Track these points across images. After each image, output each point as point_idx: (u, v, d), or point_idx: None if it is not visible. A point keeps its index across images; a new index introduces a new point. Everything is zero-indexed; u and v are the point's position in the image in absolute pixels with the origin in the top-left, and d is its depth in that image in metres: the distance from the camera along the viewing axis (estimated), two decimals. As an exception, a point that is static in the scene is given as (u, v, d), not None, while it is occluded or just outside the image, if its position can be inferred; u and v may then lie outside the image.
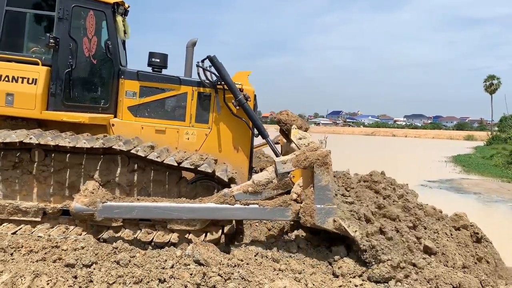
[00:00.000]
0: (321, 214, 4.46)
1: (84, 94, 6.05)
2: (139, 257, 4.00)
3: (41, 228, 4.83)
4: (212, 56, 5.85)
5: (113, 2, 6.03)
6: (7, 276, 3.44)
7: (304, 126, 5.98)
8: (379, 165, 9.29)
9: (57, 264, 3.79)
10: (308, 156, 4.58)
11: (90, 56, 5.99)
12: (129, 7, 6.63)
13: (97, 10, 6.01)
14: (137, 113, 6.09)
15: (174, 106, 6.20)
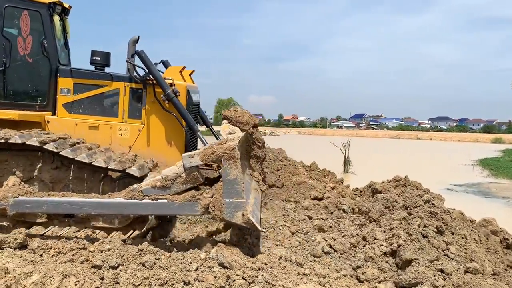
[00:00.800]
0: (230, 208, 4.38)
1: (20, 92, 6.21)
2: (164, 259, 4.03)
3: (68, 230, 4.93)
4: (140, 51, 5.89)
5: (48, 2, 6.16)
6: (37, 277, 3.53)
7: (251, 122, 6.17)
8: (404, 169, 9.15)
9: (85, 266, 3.86)
10: (216, 150, 4.48)
11: (26, 55, 6.14)
12: (70, 7, 6.82)
13: (31, 10, 6.14)
14: (71, 110, 6.21)
15: (107, 102, 6.28)
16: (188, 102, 6.30)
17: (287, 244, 4.80)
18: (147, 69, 5.95)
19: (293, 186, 7.46)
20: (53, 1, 6.22)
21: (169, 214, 4.96)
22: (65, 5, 6.60)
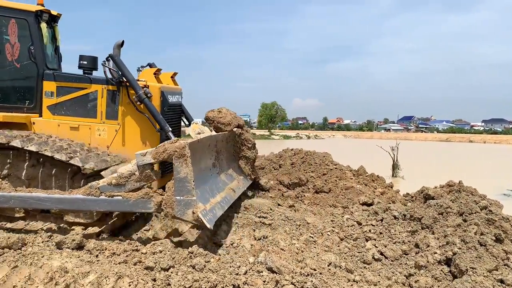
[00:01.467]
0: (180, 206, 4.46)
1: (8, 96, 6.64)
2: (214, 262, 4.09)
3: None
4: (113, 55, 6.25)
5: (35, 11, 6.52)
6: (94, 277, 3.67)
7: (234, 123, 6.46)
8: (456, 173, 8.80)
9: (138, 267, 3.98)
10: (167, 148, 4.56)
11: (13, 61, 6.58)
12: (59, 15, 7.20)
13: (19, 18, 6.55)
14: (54, 112, 6.58)
15: (86, 104, 6.54)
16: (163, 103, 6.51)
17: (336, 250, 4.74)
18: (120, 71, 6.24)
19: (341, 191, 7.37)
20: (40, 9, 6.59)
21: (124, 211, 5.05)
22: (53, 13, 6.96)
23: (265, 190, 7.48)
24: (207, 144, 5.62)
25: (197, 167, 4.99)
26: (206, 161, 5.59)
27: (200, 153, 5.27)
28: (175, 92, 7.15)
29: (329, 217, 6.12)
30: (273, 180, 7.75)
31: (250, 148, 7.13)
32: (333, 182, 7.63)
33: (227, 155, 6.71)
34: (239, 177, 6.79)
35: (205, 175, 5.42)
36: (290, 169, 8.03)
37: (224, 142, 6.57)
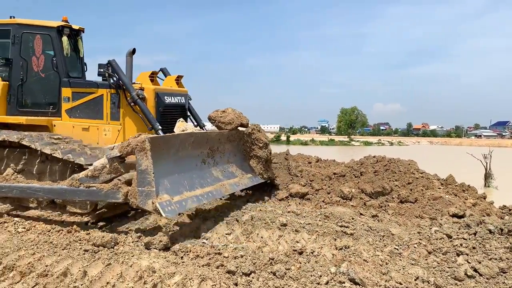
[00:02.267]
0: (142, 196, 4.79)
1: (35, 102, 7.63)
2: (294, 270, 4.07)
3: (205, 235, 5.25)
4: (111, 61, 6.98)
5: (57, 26, 7.42)
6: (179, 278, 3.82)
7: (236, 122, 6.93)
8: None
9: (220, 270, 4.08)
10: (130, 143, 4.94)
11: (39, 71, 7.56)
12: (82, 29, 8.06)
13: (43, 34, 7.52)
14: (70, 115, 7.38)
15: (94, 107, 7.25)
16: (158, 103, 7.19)
17: (424, 263, 4.49)
18: (117, 76, 6.95)
19: (428, 201, 7.00)
20: (61, 25, 7.47)
21: (98, 200, 5.47)
22: (74, 27, 7.81)
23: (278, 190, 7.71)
24: (186, 140, 5.88)
25: (166, 160, 5.33)
26: (183, 156, 5.82)
27: (171, 147, 5.52)
28: (176, 93, 7.72)
29: (415, 229, 5.83)
30: (354, 188, 7.56)
31: (261, 147, 7.40)
32: (420, 192, 7.26)
33: (229, 153, 7.13)
34: (245, 175, 7.16)
35: (182, 168, 5.69)
36: (372, 177, 7.77)
37: (224, 140, 6.97)
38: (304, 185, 7.81)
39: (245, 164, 7.43)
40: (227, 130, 6.94)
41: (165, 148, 5.40)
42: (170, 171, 5.41)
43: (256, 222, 5.68)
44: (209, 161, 6.52)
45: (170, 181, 5.28)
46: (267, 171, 7.57)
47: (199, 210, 6.40)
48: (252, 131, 7.39)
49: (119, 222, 5.78)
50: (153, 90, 7.19)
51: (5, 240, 4.76)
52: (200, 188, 5.78)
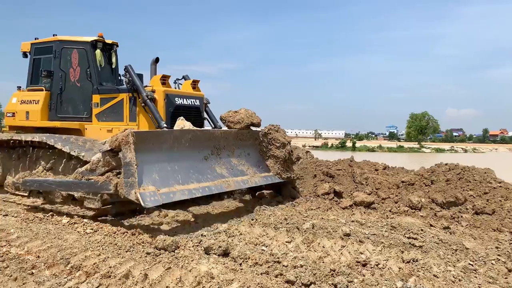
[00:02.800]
0: (127, 187, 5.17)
1: (72, 108, 8.60)
2: (357, 283, 3.87)
3: (264, 242, 5.18)
4: (127, 66, 7.74)
5: (91, 41, 8.41)
6: (237, 285, 3.77)
7: (245, 121, 7.36)
8: None
9: (279, 280, 3.97)
10: (118, 137, 5.33)
11: (75, 81, 8.52)
12: (115, 43, 8.98)
13: (79, 48, 8.54)
14: (99, 119, 8.24)
15: (117, 110, 8.01)
16: (168, 104, 7.79)
17: (503, 282, 4.09)
18: (132, 79, 7.66)
19: (507, 213, 6.44)
20: (95, 40, 8.47)
21: (95, 192, 5.94)
22: (107, 41, 8.80)
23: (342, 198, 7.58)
24: (182, 136, 6.27)
25: (156, 154, 5.72)
26: (179, 151, 6.16)
27: (163, 142, 5.92)
28: (189, 96, 8.35)
29: (493, 243, 5.36)
30: (424, 197, 7.14)
31: (278, 147, 7.60)
32: (498, 203, 6.70)
33: (240, 151, 7.46)
34: (258, 174, 7.38)
35: (176, 163, 6.00)
36: (444, 186, 7.30)
37: (233, 139, 7.33)
38: (370, 193, 7.51)
39: (261, 163, 7.70)
40: (236, 129, 7.38)
41: (155, 143, 5.79)
42: (161, 165, 5.76)
43: (318, 230, 5.52)
44: (213, 158, 6.85)
45: (160, 174, 5.63)
46: (286, 171, 7.70)
47: (259, 216, 6.34)
48: (269, 131, 7.64)
49: (181, 229, 5.87)
50: (163, 91, 7.81)
51: (74, 240, 4.99)
52: (196, 182, 6.08)
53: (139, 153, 5.31)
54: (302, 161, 9.56)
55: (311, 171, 8.60)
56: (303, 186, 8.20)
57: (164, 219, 6.35)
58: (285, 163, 7.70)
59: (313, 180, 8.31)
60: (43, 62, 8.99)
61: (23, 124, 8.93)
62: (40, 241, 4.89)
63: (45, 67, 8.82)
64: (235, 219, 6.25)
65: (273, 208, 6.95)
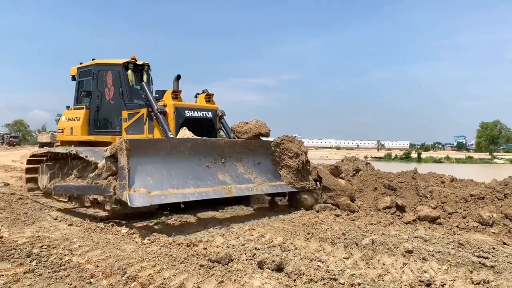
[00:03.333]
0: (120, 189, 5.85)
1: (106, 123, 9.55)
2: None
3: (320, 257, 5.00)
4: (141, 84, 8.94)
5: (123, 63, 9.25)
6: (290, 302, 3.64)
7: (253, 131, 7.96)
8: None
9: (334, 298, 3.79)
10: (115, 145, 6.10)
11: (110, 99, 9.43)
12: (146, 63, 9.83)
13: (113, 70, 9.45)
14: (127, 132, 8.96)
15: (139, 124, 8.78)
16: (177, 117, 8.37)
17: None
18: (145, 95, 8.57)
19: None
20: (127, 61, 9.28)
21: (100, 194, 6.77)
22: (138, 63, 9.56)
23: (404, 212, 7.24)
24: (181, 144, 6.88)
25: (152, 160, 6.32)
26: (177, 158, 6.73)
27: (159, 150, 6.52)
28: (200, 109, 8.88)
29: None
30: (496, 212, 6.61)
31: (291, 157, 7.91)
32: None
33: (248, 160, 7.88)
34: (267, 183, 7.72)
35: (174, 169, 6.55)
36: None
37: (239, 149, 7.81)
38: (435, 207, 7.08)
39: (272, 172, 8.05)
40: (243, 139, 7.92)
41: (151, 150, 6.43)
42: (157, 170, 6.34)
43: (378, 246, 5.26)
44: (216, 166, 7.30)
45: (155, 178, 6.22)
46: (300, 181, 7.95)
47: (315, 230, 6.16)
48: (282, 142, 8.00)
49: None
50: (173, 105, 8.42)
51: (131, 250, 5.09)
52: (193, 187, 6.56)
53: (133, 158, 6.03)
54: (361, 173, 9.25)
55: (371, 183, 8.28)
56: (363, 200, 7.91)
57: (219, 231, 6.34)
58: (299, 173, 7.97)
59: (373, 193, 8.00)
60: (85, 84, 10.07)
61: (69, 139, 10.01)
62: (100, 251, 5.04)
63: (86, 88, 9.96)
64: (290, 234, 6.10)
65: (330, 221, 6.74)
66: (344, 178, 8.72)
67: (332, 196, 7.87)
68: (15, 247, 5.08)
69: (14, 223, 6.46)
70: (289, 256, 4.91)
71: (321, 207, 7.76)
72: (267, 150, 8.13)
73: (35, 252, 4.89)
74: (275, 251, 5.04)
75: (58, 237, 5.68)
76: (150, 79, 10.01)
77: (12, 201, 8.51)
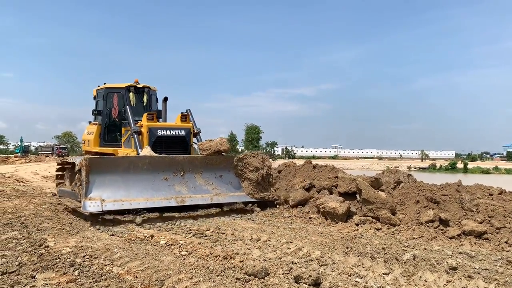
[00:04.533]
0: (80, 197, 7.68)
1: (112, 138, 11.61)
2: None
3: (359, 273, 4.88)
4: (125, 108, 10.78)
5: (125, 86, 11.51)
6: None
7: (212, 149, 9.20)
8: None
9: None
10: (80, 161, 7.76)
11: (115, 118, 11.55)
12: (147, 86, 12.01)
13: (118, 92, 11.62)
14: (124, 146, 10.91)
15: (129, 139, 10.58)
16: (150, 136, 10.01)
17: None
18: (126, 118, 10.57)
19: None
20: (128, 85, 11.55)
21: (76, 200, 8.46)
22: (139, 85, 11.73)
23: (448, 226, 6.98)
24: (139, 161, 8.37)
25: (111, 175, 7.87)
26: (136, 173, 8.17)
27: (118, 166, 8.13)
28: (172, 128, 10.35)
29: None
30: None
31: (251, 171, 9.04)
32: None
33: (209, 173, 9.03)
34: (226, 193, 8.85)
35: (131, 182, 8.01)
36: None
37: (199, 163, 9.01)
38: (481, 221, 6.77)
39: (233, 184, 9.18)
40: (203, 155, 9.21)
41: (111, 166, 8.03)
42: (115, 183, 7.82)
43: (420, 262, 5.08)
44: (174, 179, 8.55)
45: (112, 190, 7.71)
46: (260, 192, 9.07)
47: (354, 244, 6.03)
48: (244, 157, 9.17)
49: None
50: (147, 126, 10.12)
51: (170, 262, 5.16)
52: (146, 197, 7.94)
53: (93, 173, 7.62)
54: (403, 185, 8.99)
55: (413, 196, 8.03)
56: (404, 213, 7.68)
57: (256, 243, 6.33)
58: (259, 184, 9.07)
59: (415, 206, 7.74)
60: (99, 103, 12.25)
61: (87, 149, 12.21)
62: (139, 261, 5.14)
63: (99, 107, 12.16)
64: (328, 247, 5.99)
65: (370, 235, 6.58)
66: (385, 190, 8.50)
67: (372, 209, 7.69)
68: (60, 256, 5.26)
69: (60, 233, 6.70)
70: (327, 271, 4.83)
71: (360, 220, 7.60)
72: (230, 165, 9.23)
73: (78, 262, 5.04)
74: (312, 266, 4.97)
75: (100, 247, 5.84)
76: (149, 100, 11.97)
77: (58, 211, 8.85)
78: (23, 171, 23.86)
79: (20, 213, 8.27)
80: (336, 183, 8.91)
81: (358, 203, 8.00)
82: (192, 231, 6.88)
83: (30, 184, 15.78)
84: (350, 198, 8.39)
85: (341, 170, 9.92)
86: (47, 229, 6.91)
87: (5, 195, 11.42)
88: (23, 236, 6.28)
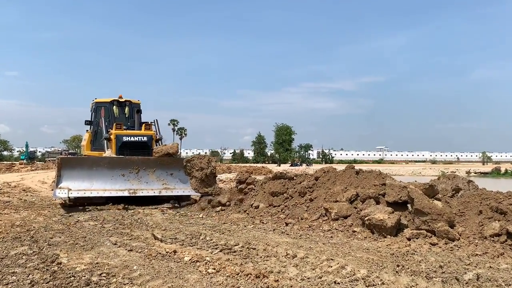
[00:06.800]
0: (54, 187, 11.90)
1: (99, 144, 15.07)
2: None
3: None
4: (102, 117, 15.26)
5: (110, 101, 15.96)
6: None
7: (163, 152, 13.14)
8: None
9: None
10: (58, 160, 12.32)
11: (102, 127, 14.77)
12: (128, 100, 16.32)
13: (104, 106, 15.92)
14: (105, 149, 13.87)
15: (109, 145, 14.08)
16: (117, 142, 13.78)
17: None
18: (100, 127, 15.13)
19: None
20: (112, 100, 15.92)
21: None
22: (121, 100, 16.01)
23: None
24: (100, 161, 12.51)
25: (78, 171, 11.90)
26: (98, 170, 12.16)
27: (83, 164, 12.31)
28: (136, 135, 14.16)
29: None
30: None
31: (197, 170, 12.92)
32: None
33: (160, 172, 12.90)
34: (175, 188, 12.78)
35: (94, 177, 12.02)
36: None
37: (152, 164, 12.86)
38: (558, 235, 6.61)
39: (183, 181, 13.03)
40: (155, 157, 12.98)
41: (78, 164, 12.15)
42: (81, 177, 11.81)
43: (484, 283, 5.00)
44: (129, 175, 12.43)
45: (78, 182, 11.62)
46: (204, 187, 12.92)
47: (406, 262, 5.97)
48: (192, 159, 13.14)
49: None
50: (114, 133, 13.93)
51: (195, 280, 5.24)
52: (105, 188, 11.88)
53: (64, 169, 11.65)
54: (462, 193, 8.86)
55: (475, 206, 7.90)
56: (465, 225, 7.56)
57: (292, 260, 6.35)
58: (203, 181, 12.91)
59: (477, 217, 7.62)
60: (93, 115, 16.26)
61: (83, 153, 16.27)
62: (161, 280, 5.25)
63: (92, 118, 16.29)
64: (376, 265, 5.96)
65: (424, 252, 6.51)
66: (441, 199, 8.39)
67: (427, 221, 7.59)
68: (74, 274, 5.43)
69: (73, 248, 6.92)
70: (376, 293, 4.81)
71: (413, 234, 7.51)
72: (180, 165, 13.05)
73: (94, 280, 5.19)
74: (358, 286, 4.96)
75: (117, 264, 5.99)
76: (131, 112, 16.02)
77: (70, 224, 9.12)
78: (29, 179, 24.68)
79: (29, 226, 8.59)
80: (383, 191, 8.85)
81: (410, 214, 7.92)
82: (219, 246, 6.96)
83: (38, 194, 16.34)
84: (400, 209, 8.32)
85: (389, 176, 9.84)
86: (59, 244, 7.14)
87: (12, 207, 11.89)
88: (34, 252, 6.51)
